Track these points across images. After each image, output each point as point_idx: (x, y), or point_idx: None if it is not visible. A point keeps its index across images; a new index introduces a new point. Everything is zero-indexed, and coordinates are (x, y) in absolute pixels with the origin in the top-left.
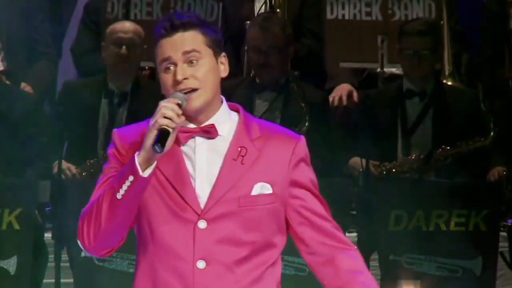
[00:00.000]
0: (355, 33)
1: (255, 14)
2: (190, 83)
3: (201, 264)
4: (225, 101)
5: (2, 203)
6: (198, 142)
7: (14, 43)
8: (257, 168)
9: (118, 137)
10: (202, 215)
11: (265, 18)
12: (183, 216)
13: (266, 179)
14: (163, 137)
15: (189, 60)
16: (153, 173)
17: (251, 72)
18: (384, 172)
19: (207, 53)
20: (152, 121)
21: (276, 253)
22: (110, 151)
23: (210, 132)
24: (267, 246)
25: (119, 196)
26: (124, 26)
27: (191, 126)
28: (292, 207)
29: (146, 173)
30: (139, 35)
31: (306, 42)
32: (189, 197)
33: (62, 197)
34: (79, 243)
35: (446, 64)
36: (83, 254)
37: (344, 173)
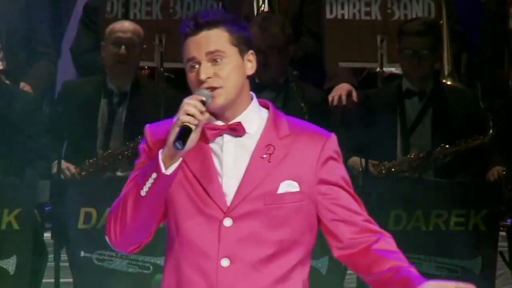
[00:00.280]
0: (354, 32)
1: (255, 14)
2: (213, 82)
3: (225, 262)
4: (255, 98)
5: (2, 203)
6: (226, 140)
7: (14, 43)
8: (284, 166)
9: (150, 133)
10: (227, 213)
11: (264, 18)
12: (208, 213)
13: (293, 177)
14: (185, 134)
15: (213, 59)
16: (180, 169)
17: None
18: (383, 172)
19: (232, 52)
20: (175, 118)
21: (303, 252)
22: (141, 147)
23: (237, 130)
24: (294, 245)
25: (143, 193)
26: (123, 26)
27: (219, 124)
28: (322, 204)
29: (169, 171)
30: (138, 35)
31: (306, 41)
32: (215, 194)
33: (61, 196)
34: (107, 239)
35: (446, 64)
36: (83, 254)
37: None
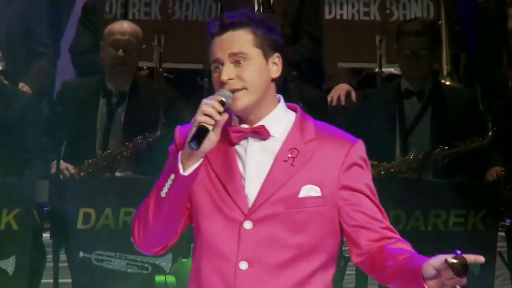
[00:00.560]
0: (353, 33)
1: None
2: (234, 84)
3: (243, 265)
4: (282, 101)
5: (1, 203)
6: (251, 143)
7: (13, 43)
8: (307, 170)
9: (178, 134)
10: (248, 216)
11: None
12: (229, 215)
13: (316, 182)
14: (201, 135)
15: (236, 60)
16: (204, 170)
17: None
18: (383, 172)
19: (256, 54)
20: (193, 118)
21: (324, 257)
22: (170, 148)
23: (260, 133)
24: (314, 249)
25: (163, 195)
26: (121, 27)
27: (244, 126)
28: (343, 210)
29: (187, 172)
30: (137, 36)
31: (304, 44)
32: (237, 196)
33: (60, 197)
34: (132, 240)
35: (444, 64)
36: (82, 254)
37: None
